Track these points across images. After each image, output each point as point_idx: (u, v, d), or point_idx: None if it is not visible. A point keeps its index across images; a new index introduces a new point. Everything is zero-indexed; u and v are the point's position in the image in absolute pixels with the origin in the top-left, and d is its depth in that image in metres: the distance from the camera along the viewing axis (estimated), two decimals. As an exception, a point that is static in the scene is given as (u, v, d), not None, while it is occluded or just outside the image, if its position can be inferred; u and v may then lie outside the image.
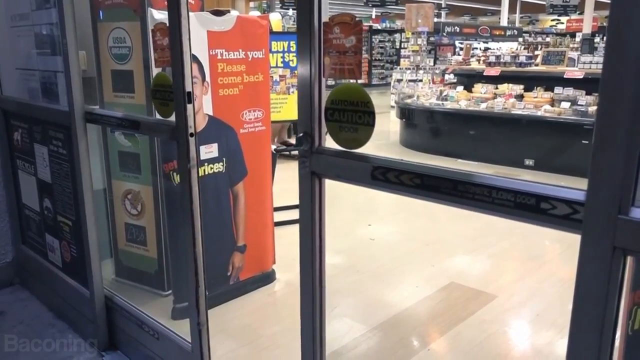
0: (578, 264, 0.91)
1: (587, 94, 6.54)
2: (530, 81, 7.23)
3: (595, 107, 6.16)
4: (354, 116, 1.30)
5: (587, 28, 13.84)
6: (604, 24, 16.66)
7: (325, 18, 1.33)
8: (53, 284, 2.91)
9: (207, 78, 2.76)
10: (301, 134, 1.41)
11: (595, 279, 0.89)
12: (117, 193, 3.03)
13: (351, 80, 1.34)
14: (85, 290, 2.58)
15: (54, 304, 2.94)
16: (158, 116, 2.08)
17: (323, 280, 1.57)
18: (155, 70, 2.67)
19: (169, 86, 1.88)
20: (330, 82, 1.53)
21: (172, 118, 1.91)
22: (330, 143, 1.42)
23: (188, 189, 1.92)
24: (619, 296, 0.89)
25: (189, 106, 1.82)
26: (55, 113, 2.54)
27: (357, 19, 1.29)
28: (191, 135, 1.86)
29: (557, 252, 3.98)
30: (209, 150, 2.82)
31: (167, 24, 1.82)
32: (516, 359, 2.64)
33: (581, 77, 6.62)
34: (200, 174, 2.79)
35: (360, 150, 1.33)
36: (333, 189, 1.44)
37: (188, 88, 1.81)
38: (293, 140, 6.49)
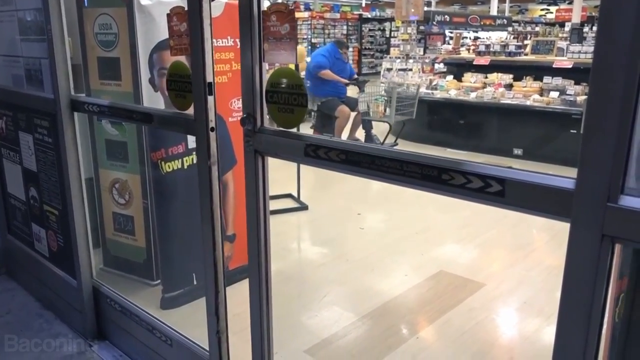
0: (567, 251, 0.92)
1: (575, 83, 6.58)
2: (520, 70, 7.25)
3: (583, 97, 6.20)
4: (289, 98, 1.41)
5: (576, 18, 13.88)
6: (593, 13, 16.74)
7: (264, 7, 1.43)
8: (40, 274, 2.88)
9: (195, 66, 2.72)
10: (244, 115, 1.52)
11: (584, 266, 0.89)
12: (105, 182, 3.00)
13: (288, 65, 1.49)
14: (72, 280, 2.56)
15: (41, 294, 2.91)
16: (149, 105, 2.04)
17: (268, 252, 1.76)
18: (142, 57, 2.65)
19: (187, 76, 1.73)
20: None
21: (190, 111, 1.78)
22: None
23: (208, 188, 1.78)
24: (607, 283, 0.89)
25: (210, 98, 1.70)
26: (40, 100, 2.50)
27: (290, 7, 1.41)
28: (212, 129, 1.73)
29: (545, 240, 4.01)
30: (198, 139, 2.80)
31: (186, 8, 1.69)
32: (504, 346, 2.66)
33: (570, 66, 6.65)
34: (188, 163, 2.78)
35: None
36: (322, 178, 1.45)
37: (209, 78, 1.69)
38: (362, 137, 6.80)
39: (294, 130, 1.47)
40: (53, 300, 2.80)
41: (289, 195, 4.79)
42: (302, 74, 7.60)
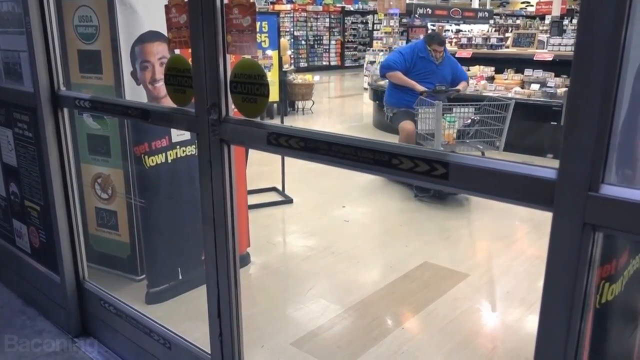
0: (549, 240, 0.93)
1: (556, 75, 6.67)
2: (501, 63, 7.32)
3: (563, 89, 6.29)
4: (252, 88, 1.45)
5: (556, 11, 14.03)
6: (573, 6, 16.93)
7: (226, 0, 1.47)
8: (21, 271, 2.84)
9: (178, 59, 2.70)
10: (209, 105, 1.55)
11: (566, 254, 0.91)
12: (87, 177, 2.97)
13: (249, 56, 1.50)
14: (55, 276, 2.53)
15: (23, 290, 2.87)
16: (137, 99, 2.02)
17: (235, 242, 1.72)
18: (124, 51, 2.61)
19: (188, 70, 1.65)
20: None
21: (189, 107, 1.70)
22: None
23: (210, 187, 1.68)
24: (589, 271, 0.92)
25: None
26: (19, 94, 2.45)
27: (251, 0, 1.43)
28: None
29: (526, 231, 4.08)
30: (181, 133, 2.78)
31: None
32: (488, 334, 2.71)
33: (550, 59, 6.74)
34: (172, 157, 2.76)
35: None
36: (307, 171, 1.45)
37: None
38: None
39: (257, 119, 1.53)
40: (36, 297, 2.76)
41: (274, 189, 4.79)
42: (286, 66, 7.51)
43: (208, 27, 1.49)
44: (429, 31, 12.29)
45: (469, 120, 4.40)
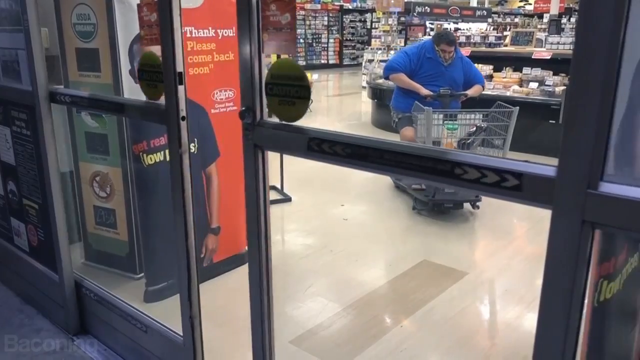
0: (548, 237, 0.93)
1: (554, 74, 6.67)
2: (500, 61, 7.32)
3: (562, 88, 6.29)
4: (291, 90, 1.36)
5: (554, 9, 14.03)
6: (571, 5, 16.94)
7: None
8: (20, 269, 2.84)
9: (177, 57, 2.70)
10: (243, 108, 1.46)
11: (565, 252, 0.91)
12: (85, 175, 2.96)
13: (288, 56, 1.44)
14: (54, 275, 2.53)
15: (21, 289, 2.87)
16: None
17: (269, 250, 1.68)
18: (122, 49, 2.61)
19: (158, 66, 1.75)
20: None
21: (161, 100, 1.79)
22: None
23: (180, 176, 1.81)
24: (587, 269, 0.92)
25: (181, 88, 1.73)
26: (17, 93, 2.45)
27: None
28: (182, 119, 1.76)
29: (525, 229, 4.08)
30: (180, 131, 2.77)
31: None
32: (487, 332, 2.71)
33: (549, 57, 6.74)
34: (171, 155, 2.75)
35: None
36: (305, 170, 1.44)
37: (179, 68, 1.71)
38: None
39: (296, 123, 1.40)
40: (34, 296, 2.76)
41: (273, 187, 4.78)
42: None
43: (242, 25, 1.41)
44: (427, 29, 12.29)
45: (473, 128, 4.02)
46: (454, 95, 4.30)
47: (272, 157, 5.19)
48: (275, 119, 1.45)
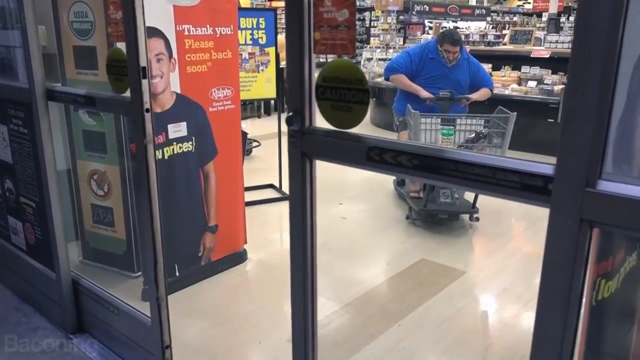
0: (546, 236, 0.93)
1: (553, 73, 6.66)
2: (499, 60, 7.32)
3: (560, 86, 6.29)
4: (347, 94, 1.24)
5: (553, 8, 14.02)
6: (570, 3, 16.93)
7: None
8: (17, 267, 2.83)
9: (175, 55, 2.69)
10: (291, 113, 1.35)
11: (563, 250, 0.91)
12: (83, 173, 2.95)
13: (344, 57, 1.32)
14: (51, 273, 2.52)
15: (18, 287, 2.86)
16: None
17: (314, 264, 1.57)
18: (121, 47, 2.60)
19: (124, 61, 1.86)
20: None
21: (128, 94, 1.89)
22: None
23: (145, 165, 1.91)
24: (585, 267, 0.91)
25: (144, 81, 1.81)
26: (14, 90, 2.44)
27: None
28: (147, 110, 1.84)
29: (523, 228, 4.08)
30: (178, 129, 2.77)
31: None
32: (484, 331, 2.71)
33: (547, 56, 6.74)
34: (169, 154, 2.75)
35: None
36: None
37: (143, 63, 1.79)
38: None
39: (352, 130, 1.28)
40: (31, 294, 2.75)
41: (271, 186, 4.78)
42: (283, 63, 7.50)
43: (291, 22, 1.30)
44: (426, 28, 12.27)
45: (472, 135, 3.77)
46: (454, 98, 4.03)
47: (272, 156, 5.18)
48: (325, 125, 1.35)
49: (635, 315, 1.31)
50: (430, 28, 11.55)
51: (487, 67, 7.31)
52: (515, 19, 17.40)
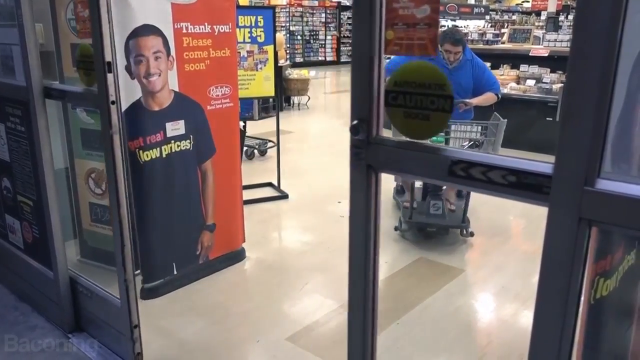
0: (545, 235, 0.93)
1: (551, 71, 6.66)
2: (497, 59, 7.31)
3: (559, 85, 6.29)
4: (424, 100, 1.11)
5: (552, 6, 14.02)
6: (569, 2, 16.92)
7: None
8: (15, 266, 2.82)
9: (172, 53, 2.68)
10: (356, 121, 1.22)
11: (562, 249, 0.91)
12: (81, 172, 2.95)
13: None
14: (49, 272, 2.52)
15: (16, 286, 2.86)
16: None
17: (376, 296, 1.45)
18: (118, 44, 2.58)
19: (91, 56, 1.98)
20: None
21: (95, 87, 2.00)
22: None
23: (111, 153, 2.03)
24: (584, 266, 0.91)
25: (109, 75, 1.92)
26: (11, 88, 2.43)
27: None
28: (112, 102, 1.95)
29: (521, 227, 4.08)
30: (176, 127, 2.76)
31: None
32: (483, 329, 2.71)
33: (546, 55, 6.73)
34: (167, 152, 2.75)
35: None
36: (302, 166, 1.40)
37: (108, 58, 1.90)
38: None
39: (427, 141, 1.17)
40: (29, 293, 2.74)
41: (269, 184, 4.77)
42: (281, 62, 7.48)
43: (360, 19, 1.19)
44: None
45: (466, 143, 3.58)
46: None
47: (269, 154, 5.13)
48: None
49: (633, 313, 1.31)
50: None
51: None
52: (514, 17, 17.40)
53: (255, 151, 5.86)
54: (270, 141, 5.95)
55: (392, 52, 1.18)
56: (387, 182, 4.84)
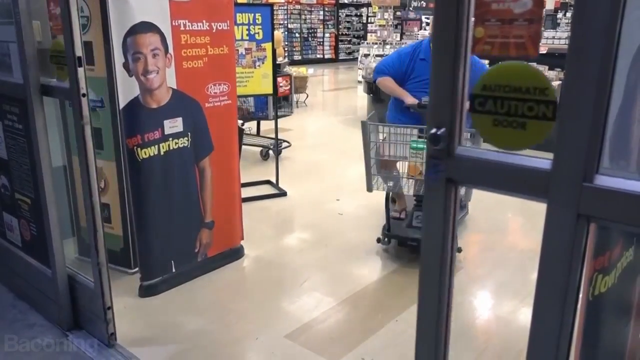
0: (544, 231, 0.93)
1: (549, 69, 6.66)
2: (496, 56, 7.30)
3: (557, 82, 6.29)
4: (520, 106, 0.99)
5: (550, 4, 14.02)
6: (567, 0, 16.91)
7: None
8: (13, 264, 2.82)
9: (170, 50, 2.68)
10: (435, 130, 1.10)
11: (560, 245, 0.91)
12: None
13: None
14: (47, 270, 2.51)
15: (14, 284, 2.85)
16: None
17: (450, 307, 1.28)
18: (116, 42, 2.58)
19: (63, 52, 2.08)
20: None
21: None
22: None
23: (83, 144, 2.14)
24: (582, 262, 0.91)
25: (80, 69, 2.04)
26: (9, 86, 2.42)
27: None
28: (83, 95, 2.07)
29: (520, 223, 4.09)
30: (174, 125, 2.76)
31: None
32: (482, 326, 2.72)
33: (544, 52, 6.73)
34: (165, 149, 2.74)
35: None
36: (301, 164, 1.39)
37: (78, 53, 2.02)
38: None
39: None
40: (27, 291, 2.74)
41: (268, 182, 4.77)
42: (280, 59, 7.46)
43: (442, 14, 1.07)
44: (423, 24, 12.24)
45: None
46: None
47: (284, 153, 5.08)
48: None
49: (631, 310, 1.31)
50: (428, 24, 11.52)
51: (484, 62, 7.31)
52: (512, 15, 17.36)
53: (270, 151, 5.71)
54: (285, 141, 5.85)
55: (482, 51, 1.07)
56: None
